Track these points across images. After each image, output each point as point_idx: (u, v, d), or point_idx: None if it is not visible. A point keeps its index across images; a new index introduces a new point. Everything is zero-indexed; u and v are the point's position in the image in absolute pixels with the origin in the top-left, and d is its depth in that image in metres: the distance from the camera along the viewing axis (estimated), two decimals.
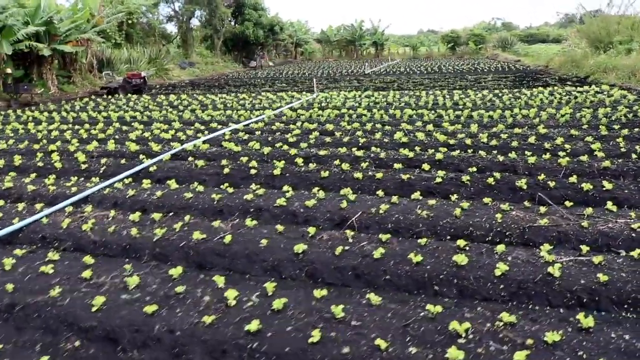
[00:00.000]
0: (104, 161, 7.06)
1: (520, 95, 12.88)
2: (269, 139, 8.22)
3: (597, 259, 3.55)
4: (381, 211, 4.68)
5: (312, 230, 4.30)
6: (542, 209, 4.56)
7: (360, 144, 7.53)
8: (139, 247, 4.37)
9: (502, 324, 2.89)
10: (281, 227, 4.41)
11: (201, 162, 6.69)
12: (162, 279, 3.70)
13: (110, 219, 4.97)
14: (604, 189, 5.06)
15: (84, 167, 6.96)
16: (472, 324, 2.88)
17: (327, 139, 7.91)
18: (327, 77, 24.97)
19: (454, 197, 5.06)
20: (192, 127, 9.65)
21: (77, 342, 3.04)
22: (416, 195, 5.11)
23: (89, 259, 4.04)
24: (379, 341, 2.72)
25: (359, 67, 32.15)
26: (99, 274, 3.81)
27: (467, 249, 3.86)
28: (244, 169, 6.38)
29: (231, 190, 5.55)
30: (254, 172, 6.20)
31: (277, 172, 6.10)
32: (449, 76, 21.70)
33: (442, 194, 5.32)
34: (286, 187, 5.51)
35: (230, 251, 4.10)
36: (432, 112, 10.46)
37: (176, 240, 4.35)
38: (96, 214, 5.15)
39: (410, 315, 3.04)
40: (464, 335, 2.78)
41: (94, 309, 3.26)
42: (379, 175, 5.75)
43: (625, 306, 3.15)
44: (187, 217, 4.81)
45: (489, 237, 4.21)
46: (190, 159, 7.10)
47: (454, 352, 2.57)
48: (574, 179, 5.33)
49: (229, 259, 4.04)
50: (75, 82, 20.64)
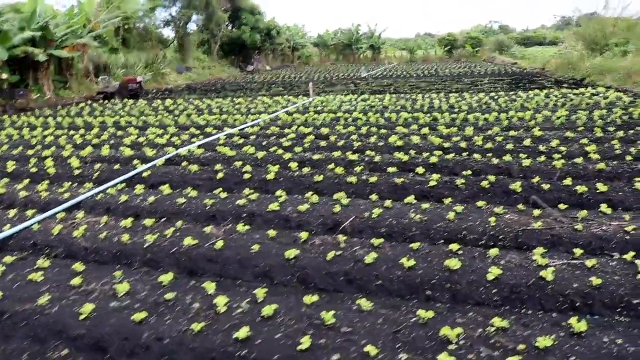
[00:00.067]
0: (97, 167, 7.03)
1: (516, 97, 12.89)
2: (264, 143, 8.20)
3: (590, 262, 3.53)
4: (374, 215, 4.66)
5: (304, 235, 4.26)
6: (536, 212, 4.54)
7: (354, 148, 7.51)
8: (130, 253, 4.33)
9: (493, 329, 2.86)
10: (273, 232, 4.37)
11: (195, 167, 6.66)
12: (152, 285, 3.66)
13: (102, 225, 4.93)
14: (598, 191, 5.04)
15: (77, 172, 6.92)
16: (464, 329, 2.85)
17: (322, 143, 7.90)
18: (323, 81, 24.96)
19: (448, 201, 5.04)
20: (187, 132, 9.63)
21: (65, 351, 3.00)
22: (410, 199, 5.08)
23: (79, 266, 4.00)
24: (368, 347, 2.69)
25: (356, 70, 32.14)
26: (88, 281, 3.77)
27: (460, 253, 3.83)
28: (237, 173, 6.35)
29: (224, 195, 5.52)
30: (247, 176, 6.17)
31: (270, 176, 6.07)
32: (446, 79, 21.73)
33: (436, 197, 5.29)
34: (279, 192, 5.48)
35: (221, 257, 4.07)
36: (428, 115, 10.46)
37: (167, 246, 4.32)
38: (88, 220, 5.11)
39: (401, 321, 3.01)
40: (455, 341, 2.75)
41: (82, 317, 3.22)
42: (373, 179, 5.72)
43: (618, 310, 3.12)
44: (179, 223, 4.77)
45: (483, 241, 4.19)
46: (184, 163, 7.08)
47: (444, 359, 2.54)
48: (568, 181, 5.31)
49: (220, 265, 4.01)
50: (71, 87, 20.57)
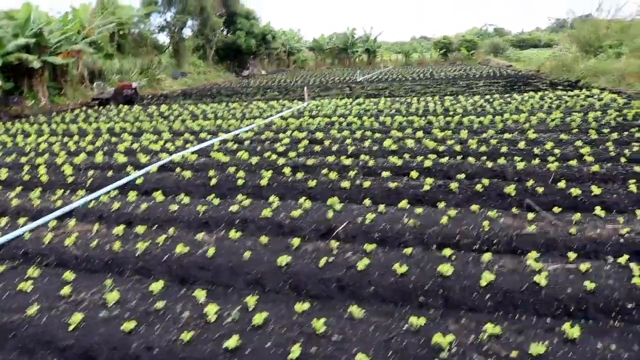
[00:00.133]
0: (90, 174, 6.98)
1: (511, 100, 12.90)
2: (258, 148, 8.17)
3: (584, 267, 3.50)
4: (367, 221, 4.62)
5: (296, 241, 4.23)
6: (530, 216, 4.52)
7: (349, 152, 7.49)
8: (121, 261, 4.29)
9: (486, 335, 2.83)
10: (265, 239, 4.34)
11: (188, 173, 6.62)
12: (143, 294, 3.62)
13: (93, 233, 4.89)
14: (593, 194, 5.03)
15: (70, 180, 6.87)
16: (456, 336, 2.82)
17: (316, 148, 7.86)
18: (319, 85, 24.97)
19: (442, 205, 5.02)
20: (182, 138, 9.58)
21: None
22: (403, 203, 5.04)
23: (69, 275, 3.95)
24: (360, 356, 2.65)
25: (351, 74, 32.18)
26: (79, 290, 3.73)
27: (454, 258, 3.80)
28: (231, 179, 6.32)
29: (217, 201, 5.48)
30: (241, 182, 6.13)
31: (264, 182, 6.03)
32: (441, 82, 21.74)
33: (429, 201, 5.26)
34: (272, 198, 5.45)
35: (213, 264, 4.03)
36: (423, 118, 10.45)
37: (159, 254, 4.27)
38: (80, 228, 5.07)
39: (393, 328, 2.97)
40: (447, 348, 2.72)
41: (72, 327, 3.18)
42: (367, 183, 5.69)
43: (612, 315, 3.09)
44: (171, 230, 4.73)
45: (476, 246, 4.16)
46: (177, 170, 7.04)
47: None
48: (562, 184, 5.29)
49: (211, 273, 3.96)
50: (66, 93, 20.52)
